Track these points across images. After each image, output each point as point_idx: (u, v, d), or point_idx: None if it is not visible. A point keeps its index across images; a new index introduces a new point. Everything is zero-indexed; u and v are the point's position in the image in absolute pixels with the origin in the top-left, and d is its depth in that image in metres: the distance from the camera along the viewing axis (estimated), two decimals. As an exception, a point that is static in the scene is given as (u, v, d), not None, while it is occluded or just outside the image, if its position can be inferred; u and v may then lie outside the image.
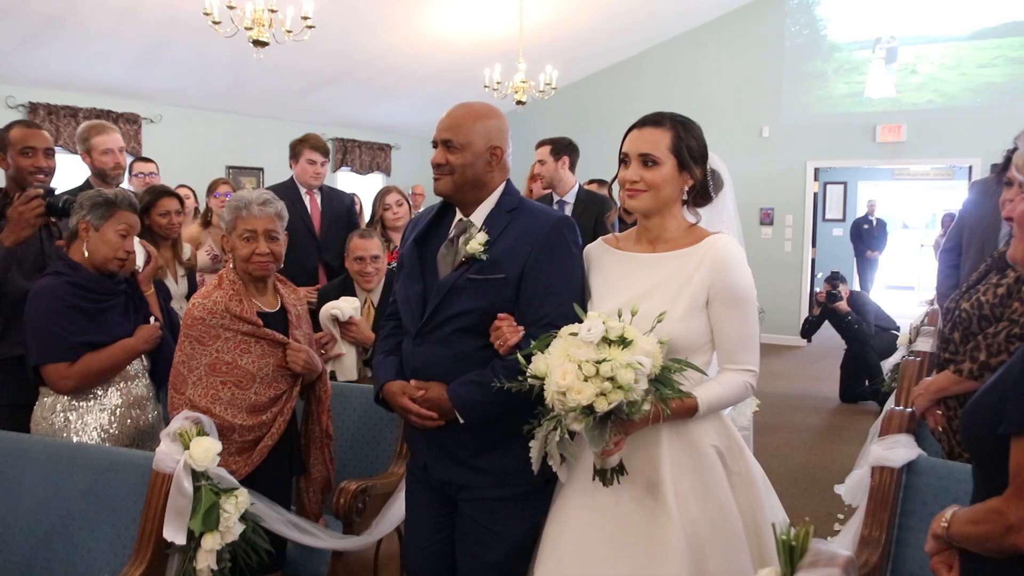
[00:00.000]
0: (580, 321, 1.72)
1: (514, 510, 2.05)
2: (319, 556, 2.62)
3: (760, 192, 9.93)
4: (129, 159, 5.13)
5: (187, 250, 3.83)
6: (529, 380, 1.71)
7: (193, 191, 5.60)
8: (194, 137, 8.49)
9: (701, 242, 1.90)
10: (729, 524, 1.88)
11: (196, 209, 5.38)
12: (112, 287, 2.60)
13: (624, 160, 1.94)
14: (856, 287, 12.55)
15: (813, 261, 10.18)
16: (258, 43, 5.38)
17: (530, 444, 1.80)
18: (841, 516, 4.09)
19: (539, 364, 1.69)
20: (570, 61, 9.59)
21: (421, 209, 3.13)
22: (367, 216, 4.89)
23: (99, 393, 2.55)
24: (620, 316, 1.73)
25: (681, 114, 1.98)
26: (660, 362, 1.69)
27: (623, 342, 1.64)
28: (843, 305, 6.84)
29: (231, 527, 2.11)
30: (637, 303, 1.81)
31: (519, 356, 1.77)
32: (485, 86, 7.93)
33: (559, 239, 2.06)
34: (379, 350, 2.28)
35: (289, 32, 5.49)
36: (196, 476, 2.10)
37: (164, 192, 3.60)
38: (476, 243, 2.03)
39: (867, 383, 6.70)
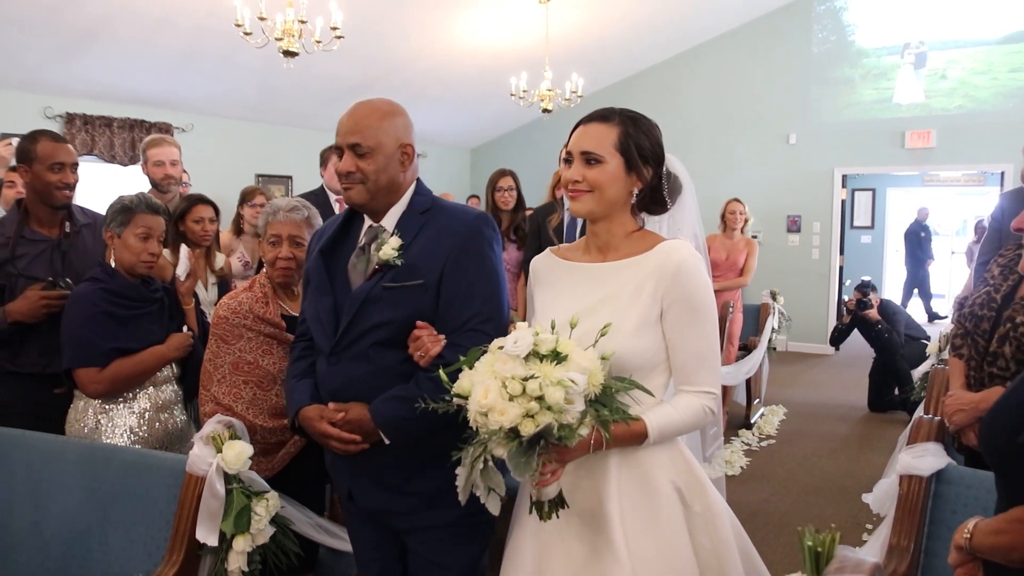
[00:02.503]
0: (504, 326, 1.62)
1: (453, 539, 1.94)
2: (349, 560, 2.65)
3: (787, 199, 9.87)
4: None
5: (220, 259, 3.88)
6: (454, 400, 1.52)
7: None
8: (224, 146, 8.61)
9: (653, 249, 1.72)
10: (685, 569, 1.68)
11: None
12: (147, 294, 2.65)
13: (567, 159, 1.76)
14: (899, 295, 12.46)
15: (841, 269, 10.09)
16: (288, 53, 5.45)
17: (456, 471, 1.58)
18: (869, 526, 4.05)
19: (464, 381, 1.50)
20: (596, 69, 9.60)
21: None
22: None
23: (129, 397, 2.60)
24: (553, 328, 1.53)
25: (634, 110, 1.80)
26: (601, 380, 1.49)
27: (556, 357, 1.46)
28: (873, 313, 6.78)
29: (262, 529, 2.14)
30: (584, 317, 1.63)
31: (442, 373, 1.56)
32: (511, 94, 7.97)
33: (477, 238, 1.93)
34: (290, 374, 2.12)
35: (318, 42, 5.56)
36: (228, 479, 2.14)
37: (199, 200, 3.66)
38: (389, 248, 1.89)
39: (896, 392, 6.63)
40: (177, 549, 2.13)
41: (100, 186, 7.42)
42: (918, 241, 12.81)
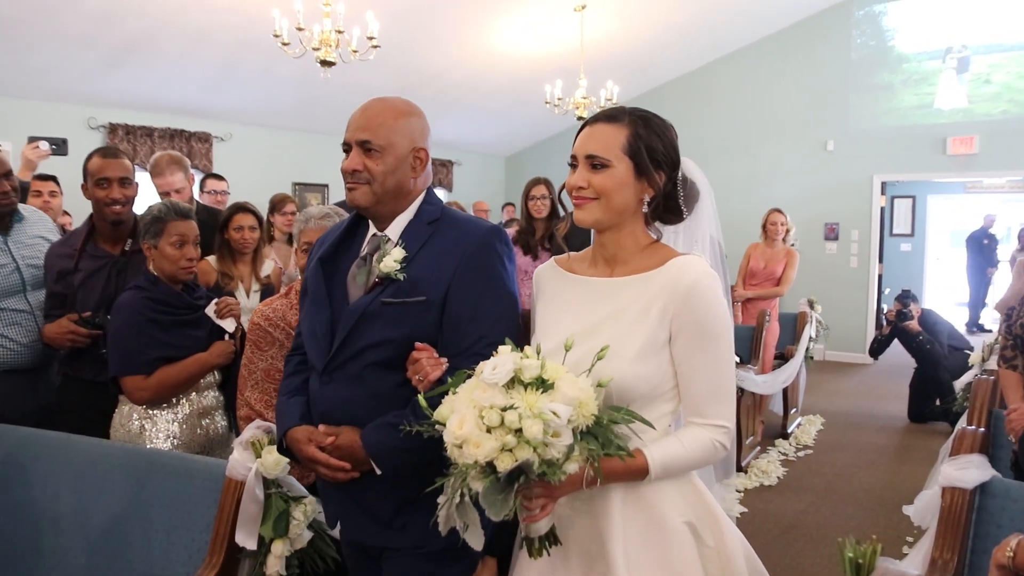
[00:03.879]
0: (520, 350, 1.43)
1: (435, 564, 1.79)
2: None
3: (825, 206, 9.75)
4: (200, 176, 5.31)
5: (268, 266, 3.92)
6: (436, 427, 1.39)
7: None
8: (262, 154, 8.74)
9: (664, 265, 1.55)
10: None
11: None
12: (189, 301, 2.70)
13: (572, 163, 1.61)
14: (941, 304, 12.22)
15: (880, 277, 9.94)
16: (325, 63, 5.52)
17: (438, 500, 1.45)
18: (910, 538, 3.98)
19: (444, 408, 1.38)
20: (631, 76, 9.58)
21: None
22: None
23: (172, 403, 2.65)
24: (539, 352, 1.39)
25: (646, 110, 1.64)
26: (592, 411, 1.35)
27: (542, 385, 1.33)
28: (914, 324, 6.66)
29: (300, 534, 2.15)
30: (583, 338, 1.51)
31: (421, 399, 1.45)
32: (546, 102, 7.99)
33: (488, 253, 1.78)
34: (282, 391, 1.98)
35: (355, 52, 5.63)
36: (267, 484, 2.16)
37: (239, 208, 3.72)
38: (391, 260, 1.74)
39: (938, 403, 6.51)
40: (217, 552, 2.15)
41: (141, 195, 7.59)
42: (980, 248, 12.42)
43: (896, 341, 7.03)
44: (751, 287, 6.28)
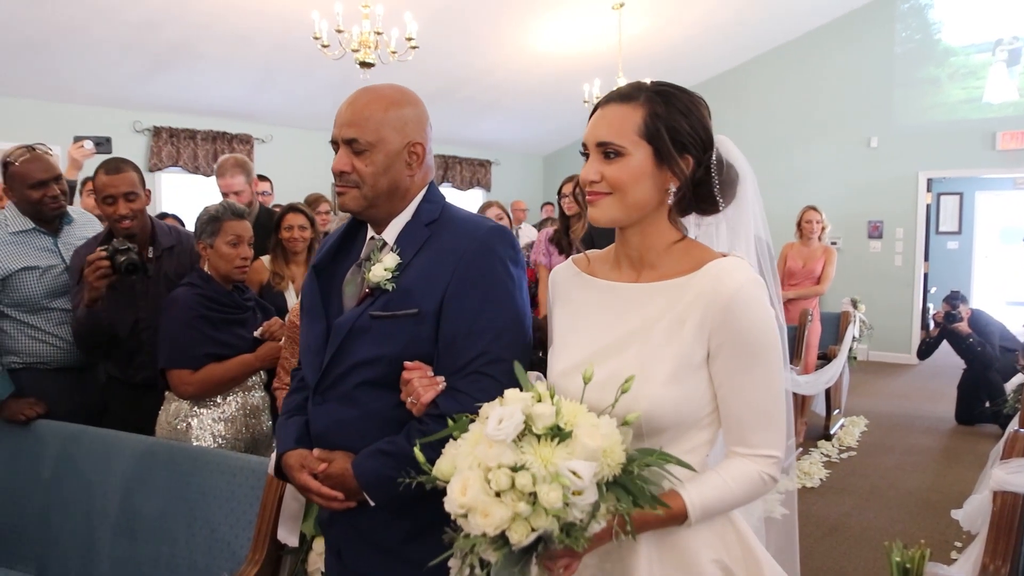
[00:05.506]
0: (527, 370, 1.27)
1: None
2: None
3: (868, 204, 9.59)
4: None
5: None
6: (436, 483, 1.21)
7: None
8: (302, 156, 8.84)
9: (700, 269, 1.33)
10: None
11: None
12: (239, 301, 2.75)
13: (584, 152, 1.40)
14: (991, 304, 11.92)
15: (926, 276, 9.74)
16: (364, 64, 5.57)
17: (449, 564, 1.26)
18: (959, 543, 3.89)
19: (444, 462, 1.20)
20: (669, 74, 9.43)
21: (522, 225, 3.08)
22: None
23: (219, 401, 2.69)
24: (553, 396, 1.19)
25: (669, 83, 1.40)
26: (619, 458, 1.15)
27: (559, 435, 1.14)
28: (963, 326, 6.51)
29: (341, 532, 2.18)
30: (606, 357, 1.32)
31: (417, 451, 1.25)
32: (584, 101, 7.97)
33: (488, 257, 1.58)
34: (283, 409, 1.83)
35: (394, 53, 5.67)
36: (308, 482, 2.18)
37: (291, 208, 3.78)
38: (381, 268, 1.57)
39: (988, 404, 6.36)
40: (259, 549, 2.18)
41: (184, 196, 7.74)
42: None
43: (945, 343, 6.88)
44: (790, 287, 6.19)
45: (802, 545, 4.02)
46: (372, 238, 1.69)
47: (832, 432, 6.11)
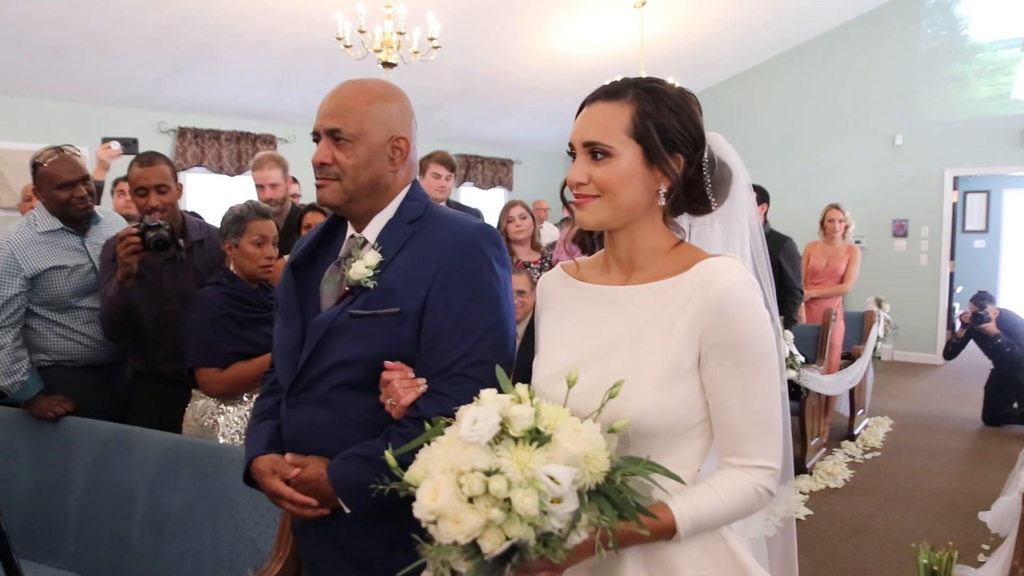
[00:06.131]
0: (507, 372, 1.21)
1: None
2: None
3: (893, 203, 9.49)
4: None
5: None
6: (410, 489, 1.13)
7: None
8: (324, 156, 8.88)
9: (691, 269, 1.27)
10: None
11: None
12: (265, 300, 2.77)
13: (571, 152, 1.34)
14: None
15: (951, 275, 9.62)
16: (386, 64, 5.60)
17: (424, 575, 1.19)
18: (986, 547, 3.84)
19: (417, 468, 1.12)
20: (692, 73, 9.46)
21: (543, 224, 3.08)
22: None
23: (245, 399, 2.71)
24: (532, 397, 1.13)
25: (658, 79, 1.34)
26: (602, 466, 1.08)
27: (538, 438, 1.07)
28: (991, 327, 6.42)
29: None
30: (592, 362, 1.26)
31: (389, 455, 1.16)
32: (605, 100, 7.95)
33: (474, 256, 1.54)
34: (253, 412, 1.77)
35: (416, 53, 5.69)
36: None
37: (311, 208, 3.81)
38: (362, 266, 1.53)
39: (1016, 405, 6.28)
40: (283, 546, 2.20)
41: (209, 195, 7.81)
42: None
43: (972, 342, 6.80)
44: (814, 286, 6.15)
45: (826, 546, 4.00)
46: (352, 236, 1.64)
47: (856, 432, 6.06)
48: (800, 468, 5.13)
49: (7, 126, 6.57)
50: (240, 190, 7.45)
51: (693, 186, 1.32)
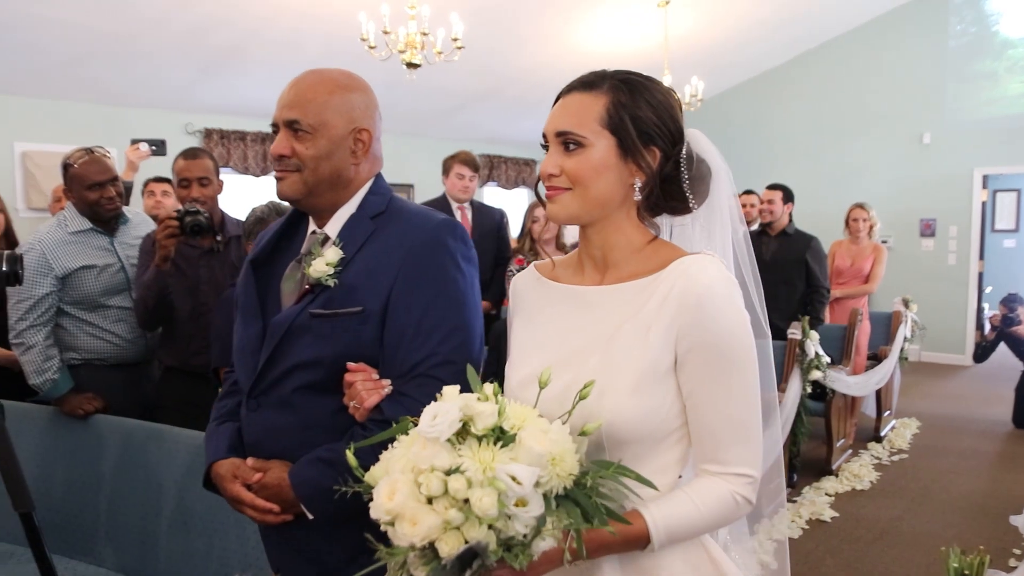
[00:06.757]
0: (478, 370, 1.16)
1: None
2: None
3: (921, 202, 9.38)
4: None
5: None
6: (372, 492, 1.07)
7: None
8: (349, 156, 8.94)
9: (666, 268, 1.21)
10: None
11: None
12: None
13: (544, 144, 1.30)
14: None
15: (980, 275, 9.49)
16: (410, 65, 5.61)
17: None
18: (1017, 551, 3.79)
19: (378, 469, 1.07)
20: (716, 71, 9.41)
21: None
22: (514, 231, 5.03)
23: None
24: (497, 396, 1.07)
25: (636, 72, 1.30)
26: (571, 469, 1.03)
27: (502, 436, 1.03)
28: (1022, 329, 6.33)
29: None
30: (565, 366, 1.20)
31: (349, 455, 1.11)
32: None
33: (437, 251, 1.48)
34: (213, 414, 1.71)
35: (440, 54, 5.70)
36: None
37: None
38: (322, 263, 1.48)
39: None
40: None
41: (235, 196, 7.89)
42: None
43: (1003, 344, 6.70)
44: (838, 286, 6.09)
45: (852, 549, 3.97)
46: (313, 232, 1.59)
47: (883, 434, 6.00)
48: (826, 469, 5.10)
49: (39, 129, 6.69)
50: (266, 191, 7.52)
51: (670, 183, 1.26)
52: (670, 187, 1.26)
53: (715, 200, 1.33)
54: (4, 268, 1.92)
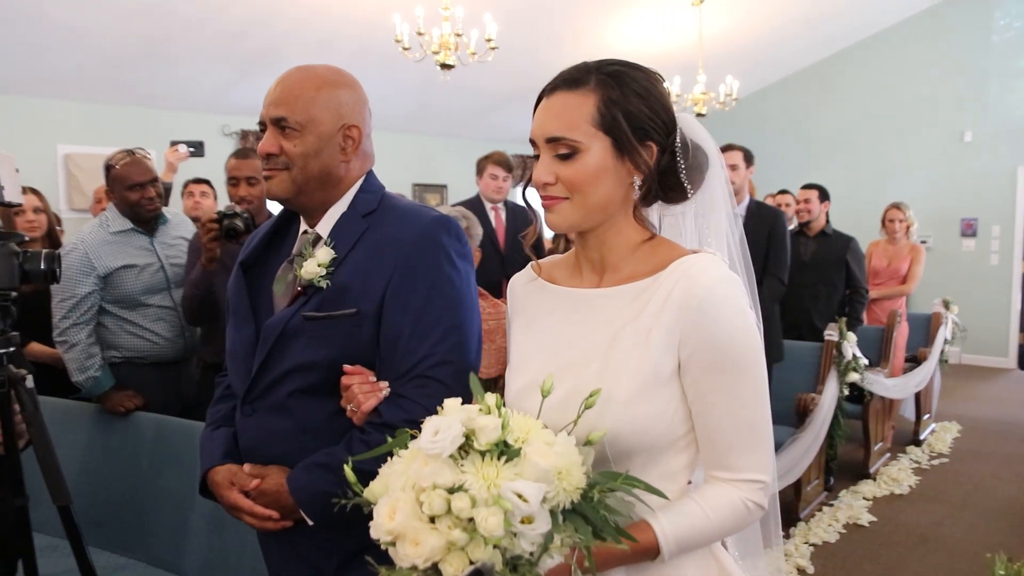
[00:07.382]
0: (473, 372, 1.13)
1: None
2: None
3: (961, 201, 9.19)
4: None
5: None
6: (372, 506, 1.04)
7: None
8: (382, 156, 8.83)
9: (666, 268, 1.17)
10: None
11: None
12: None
13: (534, 151, 1.22)
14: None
15: (1024, 275, 9.29)
16: (444, 66, 5.64)
17: None
18: (1061, 557, 3.70)
19: (377, 484, 1.03)
20: (751, 70, 9.32)
21: None
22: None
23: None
24: (500, 408, 1.03)
25: (620, 60, 1.21)
26: (578, 482, 0.99)
27: (507, 452, 0.98)
28: None
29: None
30: (566, 373, 1.16)
31: (348, 470, 1.08)
32: (663, 99, 7.88)
33: (432, 250, 1.45)
34: (207, 420, 1.68)
35: (473, 54, 5.71)
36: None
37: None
38: (313, 264, 1.44)
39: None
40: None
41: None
42: None
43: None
44: (875, 287, 5.99)
45: (891, 554, 3.90)
46: (305, 232, 1.56)
47: (922, 437, 5.89)
48: (863, 473, 5.02)
49: (80, 131, 6.83)
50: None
51: (668, 175, 1.21)
52: (667, 179, 1.21)
53: (710, 189, 1.28)
54: (42, 266, 1.96)
